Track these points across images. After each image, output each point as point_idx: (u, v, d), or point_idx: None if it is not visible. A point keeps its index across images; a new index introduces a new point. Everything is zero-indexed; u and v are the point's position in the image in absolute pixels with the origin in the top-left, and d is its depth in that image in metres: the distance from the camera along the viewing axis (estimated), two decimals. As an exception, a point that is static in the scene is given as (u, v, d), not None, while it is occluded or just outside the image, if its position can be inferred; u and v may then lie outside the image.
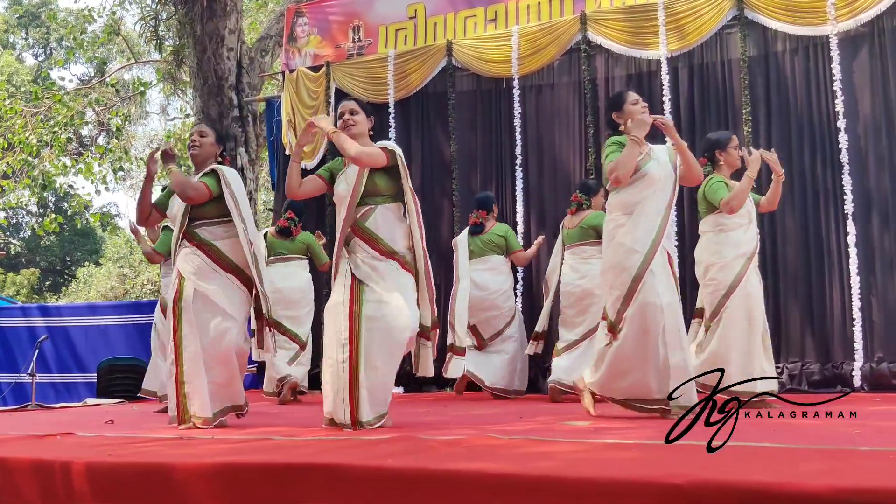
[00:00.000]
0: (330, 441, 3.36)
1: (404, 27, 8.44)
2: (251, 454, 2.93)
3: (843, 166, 6.50)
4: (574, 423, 4.04)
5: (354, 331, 3.92)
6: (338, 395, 3.90)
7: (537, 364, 7.33)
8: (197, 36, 10.60)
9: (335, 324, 3.99)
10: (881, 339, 6.29)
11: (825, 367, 6.40)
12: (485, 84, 8.01)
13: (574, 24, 7.53)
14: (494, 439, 3.18)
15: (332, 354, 3.96)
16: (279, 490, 2.57)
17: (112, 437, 3.76)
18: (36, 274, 26.25)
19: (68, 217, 20.89)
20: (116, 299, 21.19)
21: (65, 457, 2.97)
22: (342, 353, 3.91)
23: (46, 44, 25.82)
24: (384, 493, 2.42)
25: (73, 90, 16.10)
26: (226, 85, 10.63)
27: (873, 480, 2.02)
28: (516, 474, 2.30)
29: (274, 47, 11.71)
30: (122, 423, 4.81)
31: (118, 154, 15.89)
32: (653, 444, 2.97)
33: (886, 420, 3.80)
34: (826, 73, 6.68)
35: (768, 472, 2.12)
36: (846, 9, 6.56)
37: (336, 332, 3.97)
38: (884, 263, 6.36)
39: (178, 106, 19.26)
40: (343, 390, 3.88)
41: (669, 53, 7.17)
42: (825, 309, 6.53)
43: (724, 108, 7.03)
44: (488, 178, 7.92)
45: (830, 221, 6.58)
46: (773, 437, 2.98)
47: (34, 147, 13.89)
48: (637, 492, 2.08)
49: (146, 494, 2.73)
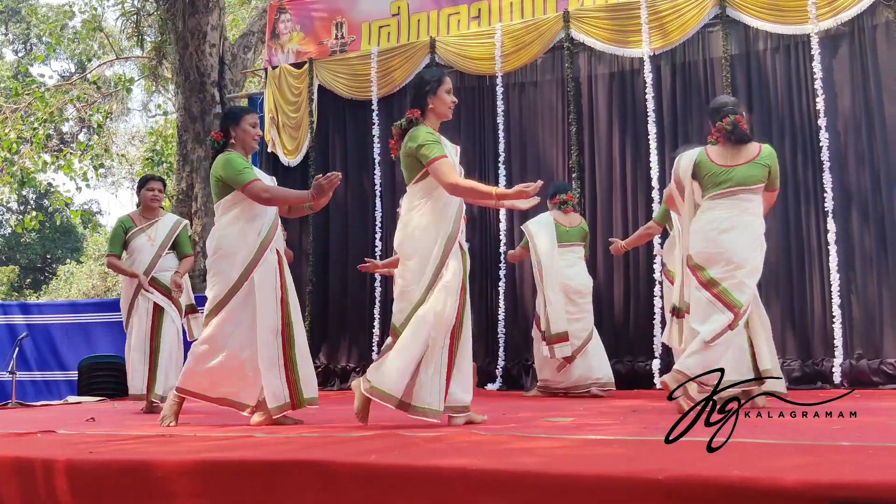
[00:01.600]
0: (313, 438, 3.36)
1: (387, 24, 8.43)
2: (233, 451, 2.92)
3: (824, 164, 6.55)
4: (556, 419, 4.06)
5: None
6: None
7: (521, 361, 7.36)
8: (179, 32, 10.53)
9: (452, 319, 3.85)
10: (861, 335, 6.35)
11: (805, 364, 6.45)
12: (468, 81, 8.01)
13: (557, 21, 7.54)
14: (477, 435, 3.20)
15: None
16: (261, 487, 2.56)
17: (93, 435, 3.74)
18: (16, 271, 26.03)
19: (49, 214, 20.72)
20: (98, 297, 21.05)
21: (45, 455, 2.95)
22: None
23: (27, 39, 25.58)
24: (367, 490, 2.42)
25: (53, 86, 15.97)
26: (208, 81, 10.57)
27: (850, 475, 2.04)
28: (498, 470, 2.31)
29: (256, 44, 11.67)
30: (103, 420, 4.79)
31: (99, 151, 15.78)
32: (634, 440, 2.99)
33: (868, 416, 3.83)
34: (807, 72, 6.73)
35: (748, 467, 2.14)
36: (827, 8, 6.62)
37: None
38: (863, 260, 6.42)
39: (158, 102, 19.19)
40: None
41: (652, 52, 7.20)
42: (805, 306, 6.58)
43: (706, 106, 7.06)
44: (471, 174, 7.86)
45: (811, 218, 6.64)
46: (753, 433, 3.00)
47: (13, 143, 13.78)
48: (618, 487, 2.09)
49: (128, 492, 2.71)
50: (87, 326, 9.15)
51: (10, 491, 2.91)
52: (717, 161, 4.52)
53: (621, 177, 7.30)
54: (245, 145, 4.40)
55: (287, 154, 8.59)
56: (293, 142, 8.62)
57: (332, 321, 8.34)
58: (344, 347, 8.27)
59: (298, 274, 8.25)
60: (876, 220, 6.40)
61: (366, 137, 8.40)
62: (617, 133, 7.37)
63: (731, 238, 4.41)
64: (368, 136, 8.37)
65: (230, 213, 4.26)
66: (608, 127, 7.42)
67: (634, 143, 7.28)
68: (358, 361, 8.13)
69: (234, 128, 4.37)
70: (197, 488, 2.62)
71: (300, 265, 8.28)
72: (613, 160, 7.35)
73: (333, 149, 8.57)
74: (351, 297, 8.30)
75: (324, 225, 8.47)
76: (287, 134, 8.64)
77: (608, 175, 7.38)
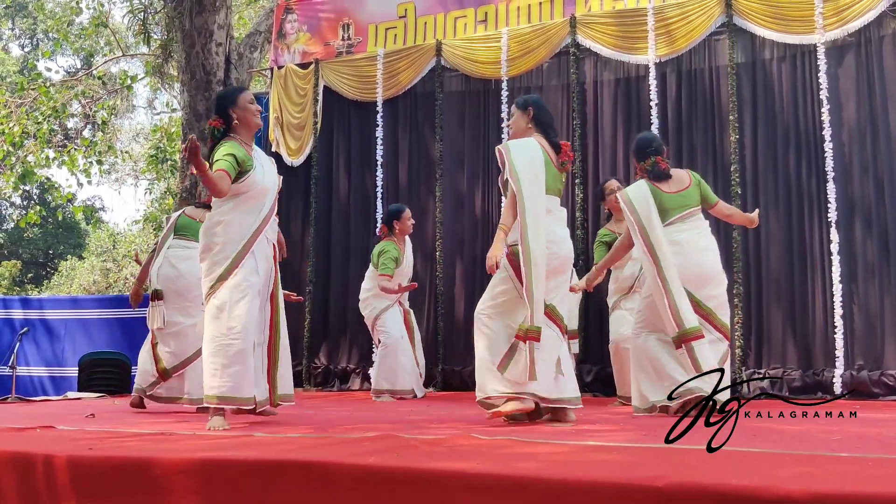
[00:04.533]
0: (312, 438, 3.36)
1: (394, 26, 8.43)
2: (232, 450, 2.92)
3: (828, 174, 6.55)
4: (557, 425, 4.05)
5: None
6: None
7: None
8: (185, 30, 10.55)
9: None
10: (862, 346, 6.33)
11: (806, 374, 6.44)
12: (473, 85, 8.02)
13: (564, 27, 7.55)
14: (477, 439, 3.19)
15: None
16: (259, 486, 2.56)
17: (93, 431, 3.74)
18: (17, 266, 26.05)
19: (52, 210, 20.72)
20: (99, 293, 21.07)
21: (45, 450, 2.95)
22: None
23: (33, 34, 25.63)
24: (365, 492, 2.42)
25: (59, 82, 15.98)
26: (214, 80, 10.58)
27: (850, 486, 2.03)
28: (498, 474, 2.31)
29: (263, 43, 11.68)
30: (103, 417, 4.79)
31: (103, 147, 15.78)
32: (634, 447, 2.99)
33: (866, 427, 3.83)
34: (813, 82, 6.73)
35: (747, 475, 2.14)
36: (834, 18, 6.61)
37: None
38: (866, 271, 6.41)
39: (164, 100, 19.20)
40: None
41: (658, 58, 7.20)
42: (807, 316, 6.57)
43: (711, 114, 7.07)
44: (475, 178, 7.94)
45: (814, 229, 6.63)
46: (753, 441, 3.00)
47: (16, 137, 13.78)
48: (617, 494, 2.09)
49: (127, 489, 2.72)
50: (88, 322, 9.16)
51: (9, 485, 2.91)
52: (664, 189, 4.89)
53: (625, 183, 7.29)
54: (248, 124, 4.29)
55: (290, 154, 8.59)
56: (297, 142, 8.62)
57: (332, 321, 8.33)
58: (344, 348, 8.26)
59: (299, 273, 8.28)
60: (879, 231, 6.40)
61: (369, 139, 8.40)
62: (621, 139, 7.37)
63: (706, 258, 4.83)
64: (372, 138, 8.38)
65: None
66: (612, 133, 7.42)
67: (638, 149, 7.26)
68: (358, 362, 8.12)
69: (233, 108, 4.25)
70: (195, 486, 2.63)
71: (301, 265, 8.28)
72: (617, 166, 7.34)
73: (337, 149, 8.58)
74: (352, 297, 8.28)
75: (325, 225, 8.47)
76: (291, 134, 8.64)
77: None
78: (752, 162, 6.87)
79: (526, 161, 4.18)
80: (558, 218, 4.34)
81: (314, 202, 8.41)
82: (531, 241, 4.04)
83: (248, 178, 4.16)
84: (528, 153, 4.22)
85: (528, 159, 4.19)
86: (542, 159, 4.22)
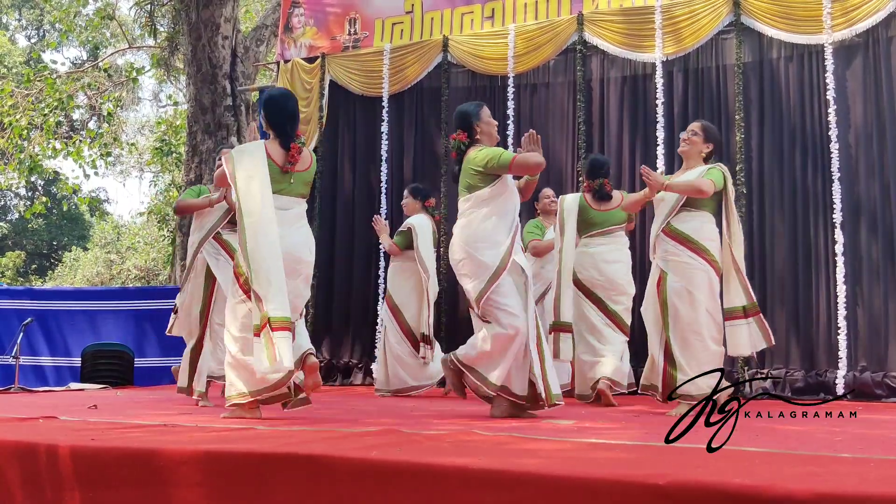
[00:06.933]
0: (314, 432, 3.36)
1: (401, 21, 8.43)
2: (234, 442, 2.93)
3: (833, 175, 6.53)
4: (558, 422, 4.06)
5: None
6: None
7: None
8: (192, 23, 10.56)
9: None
10: (865, 348, 6.32)
11: (809, 375, 6.43)
12: (480, 81, 8.02)
13: (571, 24, 7.54)
14: (479, 435, 3.20)
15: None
16: (261, 479, 2.57)
17: (95, 422, 3.75)
18: (21, 257, 26.10)
19: (57, 201, 20.75)
20: (102, 284, 21.09)
21: (48, 440, 2.96)
22: None
23: (40, 26, 25.65)
24: (366, 485, 2.42)
25: (65, 73, 15.99)
26: (220, 73, 10.59)
27: (853, 486, 2.03)
28: (499, 470, 2.31)
29: (269, 37, 11.68)
30: (105, 408, 4.80)
31: (108, 139, 15.79)
32: (636, 445, 2.99)
33: (869, 428, 3.83)
34: (820, 82, 6.71)
35: (749, 474, 2.14)
36: (842, 18, 6.59)
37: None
38: (870, 273, 6.40)
39: (169, 92, 19.20)
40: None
41: (665, 57, 7.18)
42: (811, 316, 6.56)
43: (718, 113, 7.05)
44: (480, 175, 7.91)
45: (819, 229, 6.61)
46: (756, 441, 3.00)
47: (23, 129, 13.80)
48: (619, 491, 2.09)
49: (129, 480, 2.72)
50: (91, 313, 9.17)
51: (12, 475, 2.92)
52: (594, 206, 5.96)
53: (630, 180, 7.28)
54: (491, 136, 4.63)
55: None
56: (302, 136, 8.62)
57: (335, 316, 8.33)
58: (347, 343, 8.26)
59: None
60: (884, 233, 6.38)
61: (375, 133, 8.40)
62: (627, 137, 7.36)
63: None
64: (377, 133, 8.37)
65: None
66: (618, 130, 7.41)
67: (644, 147, 7.27)
68: (360, 357, 8.12)
69: (478, 123, 4.59)
70: (198, 478, 2.63)
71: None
72: (623, 164, 7.33)
73: (342, 144, 8.58)
74: (356, 292, 8.30)
75: (330, 219, 8.47)
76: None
77: (616, 179, 7.34)
78: (757, 161, 6.86)
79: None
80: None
81: (319, 196, 8.40)
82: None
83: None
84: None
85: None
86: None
